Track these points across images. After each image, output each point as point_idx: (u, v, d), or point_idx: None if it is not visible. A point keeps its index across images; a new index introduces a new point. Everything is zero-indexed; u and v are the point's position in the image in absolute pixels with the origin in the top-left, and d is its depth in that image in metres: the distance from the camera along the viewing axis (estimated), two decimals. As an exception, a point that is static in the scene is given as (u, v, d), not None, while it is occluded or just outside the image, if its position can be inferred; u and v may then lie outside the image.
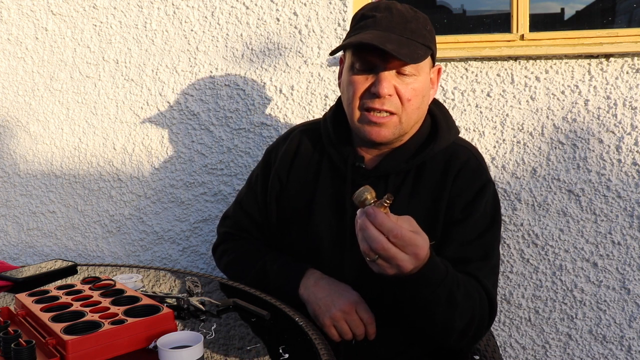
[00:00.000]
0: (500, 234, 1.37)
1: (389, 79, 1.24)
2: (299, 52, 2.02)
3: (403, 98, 1.25)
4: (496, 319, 2.01)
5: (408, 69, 1.24)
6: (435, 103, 1.43)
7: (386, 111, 1.26)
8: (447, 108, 1.90)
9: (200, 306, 1.21)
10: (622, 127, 1.82)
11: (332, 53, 1.32)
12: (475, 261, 1.26)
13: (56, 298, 1.16)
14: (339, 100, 1.44)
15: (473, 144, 1.93)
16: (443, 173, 1.31)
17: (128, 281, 1.32)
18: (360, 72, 1.27)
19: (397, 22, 1.25)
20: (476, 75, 1.90)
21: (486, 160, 1.92)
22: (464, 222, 1.29)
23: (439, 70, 1.37)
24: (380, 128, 1.28)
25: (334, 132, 1.41)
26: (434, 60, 1.34)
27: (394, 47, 1.20)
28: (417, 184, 1.32)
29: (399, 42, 1.22)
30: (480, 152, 1.93)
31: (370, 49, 1.22)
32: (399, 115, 1.27)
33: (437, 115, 1.38)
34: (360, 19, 1.31)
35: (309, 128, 1.50)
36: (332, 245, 1.36)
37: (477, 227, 1.29)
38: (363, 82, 1.26)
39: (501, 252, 1.97)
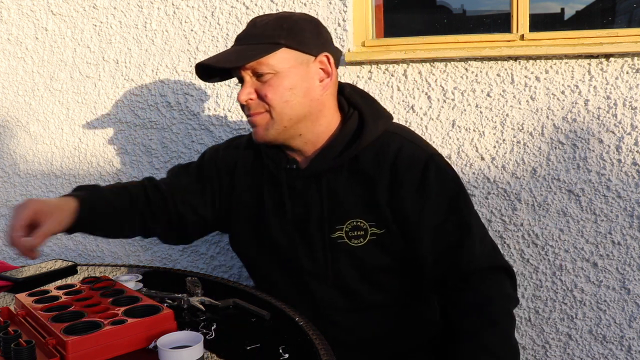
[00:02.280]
0: (468, 197, 1.37)
1: (246, 86, 1.31)
2: (299, 52, 2.02)
3: (262, 96, 1.30)
4: (496, 319, 2.01)
5: (262, 68, 1.28)
6: (360, 95, 1.43)
7: (255, 114, 1.32)
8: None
9: (200, 306, 1.21)
10: (622, 127, 1.82)
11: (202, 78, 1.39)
12: (464, 244, 1.27)
13: (56, 298, 1.16)
14: None
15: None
16: (376, 165, 1.32)
17: (128, 281, 1.32)
18: (240, 85, 1.35)
19: (244, 33, 1.34)
20: (476, 75, 1.90)
21: (486, 160, 1.93)
22: (425, 210, 1.29)
23: (328, 57, 1.34)
24: (256, 128, 1.34)
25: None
26: (309, 51, 1.32)
27: (217, 59, 1.31)
28: (352, 179, 1.34)
29: (233, 52, 1.32)
30: (481, 151, 1.93)
31: (203, 70, 1.35)
32: (268, 112, 1.31)
33: (362, 107, 1.38)
34: None
35: (249, 139, 1.51)
36: (287, 248, 1.39)
37: (441, 209, 1.30)
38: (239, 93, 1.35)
39: (501, 251, 1.96)
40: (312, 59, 1.32)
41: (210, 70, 1.35)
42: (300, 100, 1.31)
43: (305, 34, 1.32)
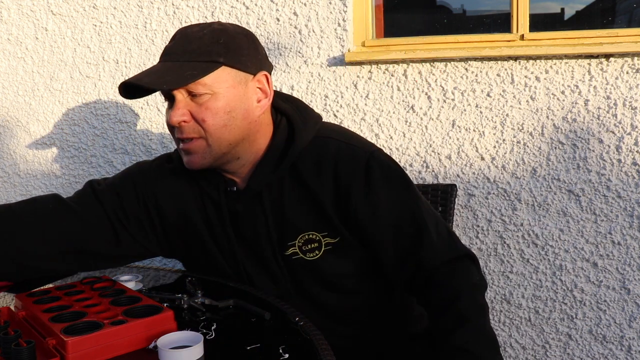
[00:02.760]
0: (415, 188, 1.30)
1: (179, 106, 1.18)
2: (299, 52, 2.02)
3: (198, 120, 1.18)
4: (496, 319, 2.01)
5: (199, 88, 1.17)
6: (285, 99, 1.35)
7: (188, 138, 1.21)
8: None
9: (200, 306, 1.21)
10: (622, 127, 1.82)
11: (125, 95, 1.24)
12: (423, 240, 1.24)
13: (56, 298, 1.16)
14: None
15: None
16: (317, 174, 1.25)
17: (128, 281, 1.32)
18: (168, 104, 1.23)
19: (177, 47, 1.21)
20: (476, 75, 1.90)
21: (486, 160, 1.93)
22: (377, 212, 1.25)
23: (267, 77, 1.26)
24: (190, 156, 1.23)
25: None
26: (248, 69, 1.22)
27: (151, 79, 1.17)
28: (295, 191, 1.27)
29: (166, 70, 1.18)
30: (481, 151, 1.93)
31: (129, 89, 1.20)
32: (203, 138, 1.20)
33: (289, 113, 1.29)
34: None
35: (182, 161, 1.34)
36: (242, 272, 1.34)
37: (394, 207, 1.25)
38: (167, 114, 1.22)
39: (501, 252, 1.97)
40: (250, 78, 1.23)
41: (135, 87, 1.19)
42: (239, 124, 1.22)
43: (243, 51, 1.22)
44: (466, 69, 1.91)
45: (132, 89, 1.20)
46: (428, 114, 1.95)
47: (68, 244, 1.30)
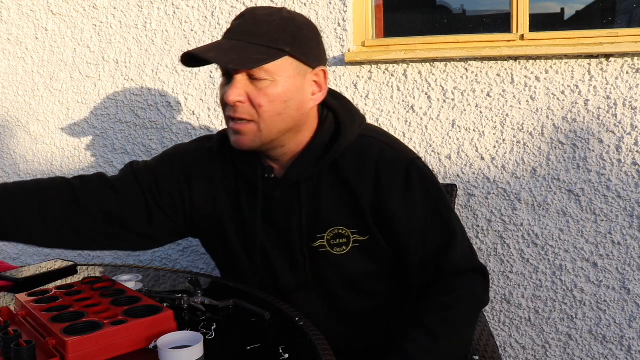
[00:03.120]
0: (448, 199, 1.35)
1: (238, 86, 1.19)
2: (299, 52, 2.02)
3: (254, 104, 1.19)
4: (496, 319, 2.01)
5: (261, 73, 1.18)
6: (335, 96, 1.36)
7: (240, 119, 1.21)
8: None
9: (200, 306, 1.21)
10: (622, 127, 1.82)
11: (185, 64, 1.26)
12: (448, 249, 1.27)
13: (56, 298, 1.16)
14: None
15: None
16: (358, 172, 1.28)
17: (128, 281, 1.32)
18: (224, 80, 1.24)
19: (245, 27, 1.22)
20: (476, 75, 1.90)
21: (486, 160, 1.93)
22: (411, 217, 1.27)
23: (325, 72, 1.27)
24: (239, 136, 1.23)
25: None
26: (310, 62, 1.24)
27: (218, 54, 1.18)
28: (333, 186, 1.29)
29: (232, 48, 1.19)
30: (481, 151, 1.93)
31: (194, 59, 1.21)
32: (256, 123, 1.21)
33: (338, 110, 1.31)
34: None
35: (220, 141, 1.39)
36: (266, 257, 1.35)
37: (427, 215, 1.29)
38: (223, 91, 1.23)
39: (501, 252, 1.97)
40: (309, 71, 1.24)
41: (196, 57, 1.21)
42: (292, 114, 1.23)
43: (309, 44, 1.24)
44: (466, 69, 1.91)
45: (193, 58, 1.22)
46: (428, 114, 1.95)
47: (112, 218, 1.35)
